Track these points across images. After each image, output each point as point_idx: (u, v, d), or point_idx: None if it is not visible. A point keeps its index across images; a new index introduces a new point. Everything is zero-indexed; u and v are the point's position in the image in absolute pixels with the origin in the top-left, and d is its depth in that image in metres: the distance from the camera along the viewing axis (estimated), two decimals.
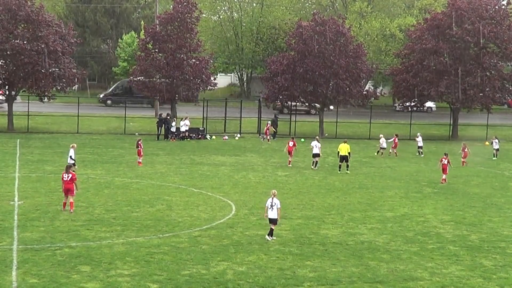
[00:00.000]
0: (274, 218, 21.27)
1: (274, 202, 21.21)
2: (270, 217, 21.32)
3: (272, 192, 21.59)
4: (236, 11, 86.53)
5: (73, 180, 24.31)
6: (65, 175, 24.31)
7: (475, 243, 22.15)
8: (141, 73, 52.80)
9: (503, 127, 64.00)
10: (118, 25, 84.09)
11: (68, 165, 25.31)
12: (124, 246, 20.12)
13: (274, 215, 21.23)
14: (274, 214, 21.23)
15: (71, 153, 31.29)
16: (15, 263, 18.08)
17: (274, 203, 21.21)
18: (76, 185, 24.41)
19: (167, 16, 52.93)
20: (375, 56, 76.48)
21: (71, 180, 24.25)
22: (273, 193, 21.49)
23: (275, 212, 21.20)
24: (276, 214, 21.22)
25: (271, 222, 21.37)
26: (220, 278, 17.52)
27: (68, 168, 24.65)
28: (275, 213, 21.21)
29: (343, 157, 36.38)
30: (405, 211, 26.83)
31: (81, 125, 52.23)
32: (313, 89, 55.16)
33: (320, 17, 56.06)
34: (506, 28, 55.59)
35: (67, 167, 24.76)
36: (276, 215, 21.22)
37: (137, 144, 36.49)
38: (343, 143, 36.93)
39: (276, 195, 21.47)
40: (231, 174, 34.36)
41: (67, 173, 24.32)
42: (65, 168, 24.90)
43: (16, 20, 49.98)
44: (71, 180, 24.26)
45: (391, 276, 18.27)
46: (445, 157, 34.17)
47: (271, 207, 21.22)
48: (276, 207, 21.19)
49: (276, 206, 21.19)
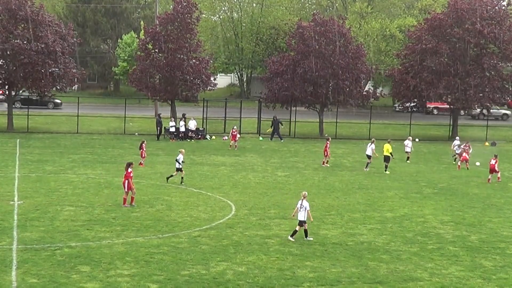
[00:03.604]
0: (301, 220, 21.36)
1: (303, 204, 21.26)
2: (299, 219, 21.41)
3: (302, 194, 21.68)
4: (236, 11, 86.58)
5: (127, 177, 25.29)
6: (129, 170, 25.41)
7: (474, 243, 22.16)
8: (141, 73, 52.76)
9: (502, 128, 64.05)
10: (118, 25, 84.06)
11: (129, 163, 26.00)
12: (124, 246, 20.12)
13: (302, 217, 21.32)
14: (302, 216, 21.33)
15: (180, 157, 30.87)
16: (14, 263, 18.08)
17: (302, 205, 21.27)
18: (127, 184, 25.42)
19: (167, 16, 52.91)
20: (375, 56, 76.48)
21: (125, 177, 25.36)
22: (303, 195, 21.59)
23: (303, 214, 21.28)
24: (303, 216, 21.29)
25: (298, 224, 21.45)
26: (219, 278, 17.53)
27: (129, 166, 25.57)
28: (303, 215, 21.28)
29: (384, 157, 36.80)
30: (404, 211, 26.84)
31: (81, 125, 52.22)
32: (313, 90, 55.16)
33: (320, 17, 56.07)
34: (506, 28, 55.57)
35: (128, 164, 25.68)
36: (303, 217, 21.30)
37: (140, 145, 36.21)
38: (386, 143, 37.18)
39: (306, 196, 21.54)
40: (231, 175, 34.35)
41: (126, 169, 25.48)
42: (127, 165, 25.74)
43: (16, 20, 49.95)
44: (125, 177, 25.38)
45: (390, 277, 18.28)
46: (494, 158, 34.97)
47: (300, 208, 21.31)
48: (305, 209, 21.25)
49: (305, 208, 21.25)
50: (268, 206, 26.77)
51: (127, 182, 25.43)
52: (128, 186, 25.45)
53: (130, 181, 25.46)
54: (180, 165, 30.74)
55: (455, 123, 58.05)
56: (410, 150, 41.26)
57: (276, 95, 55.01)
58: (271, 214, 25.36)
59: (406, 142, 41.35)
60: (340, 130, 56.41)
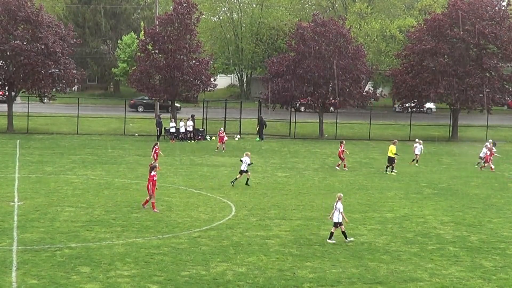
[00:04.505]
0: (336, 222, 21.41)
1: (337, 205, 21.32)
2: (333, 220, 21.49)
3: (337, 196, 21.70)
4: (236, 12, 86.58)
5: (150, 180, 25.07)
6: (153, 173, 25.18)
7: (475, 244, 22.16)
8: (140, 74, 52.76)
9: (503, 128, 64.05)
10: (118, 26, 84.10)
11: (153, 166, 25.85)
12: (124, 247, 20.12)
13: (336, 218, 21.38)
14: (335, 217, 21.39)
15: (246, 159, 30.79)
16: (14, 264, 18.08)
17: (336, 206, 21.32)
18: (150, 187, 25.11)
19: (167, 17, 52.89)
20: (375, 57, 76.49)
21: (149, 181, 25.13)
22: (338, 197, 21.61)
23: (337, 215, 21.33)
24: (337, 218, 21.34)
25: (333, 225, 21.51)
26: (220, 279, 17.53)
27: (152, 169, 25.39)
28: (337, 216, 21.34)
29: (388, 158, 36.81)
30: (405, 212, 26.84)
31: (81, 126, 52.23)
32: (313, 90, 55.17)
33: (320, 18, 56.08)
34: (506, 29, 55.59)
35: (152, 168, 25.50)
36: (337, 218, 21.35)
37: (153, 148, 35.26)
38: (391, 144, 37.14)
39: (341, 198, 21.57)
40: (231, 175, 34.30)
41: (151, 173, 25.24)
42: (151, 168, 25.59)
43: (16, 21, 49.96)
44: (149, 180, 25.14)
45: (391, 277, 18.28)
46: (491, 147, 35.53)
47: (335, 210, 21.36)
48: (338, 211, 21.28)
49: (339, 210, 21.28)
50: (268, 206, 26.77)
51: (151, 185, 25.05)
52: (152, 189, 25.05)
53: (154, 184, 25.12)
54: (245, 167, 30.64)
55: (455, 123, 58.06)
56: (419, 152, 40.26)
57: (276, 95, 55.06)
58: (271, 214, 25.36)
59: (415, 145, 40.41)
60: (340, 131, 56.42)
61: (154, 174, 25.22)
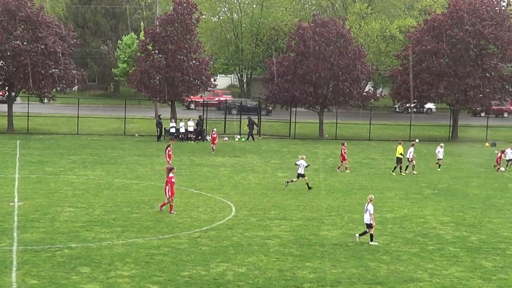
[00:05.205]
0: (367, 223, 21.44)
1: (368, 207, 21.35)
2: (365, 222, 21.55)
3: (369, 197, 21.73)
4: (236, 12, 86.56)
5: (168, 183, 24.74)
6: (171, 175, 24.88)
7: (475, 244, 22.16)
8: (141, 74, 52.76)
9: (502, 128, 64.06)
10: (118, 26, 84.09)
11: (170, 168, 25.60)
12: (124, 247, 20.11)
13: (367, 220, 21.42)
14: (366, 219, 21.44)
15: (302, 163, 30.59)
16: (15, 264, 18.07)
17: (367, 208, 21.35)
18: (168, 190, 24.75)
19: (167, 17, 52.94)
20: (375, 57, 76.49)
21: (167, 183, 24.77)
22: (369, 198, 21.63)
23: (368, 217, 21.36)
24: (368, 219, 21.36)
25: (366, 227, 21.55)
26: (220, 279, 17.52)
27: (170, 171, 25.04)
28: (368, 218, 21.37)
29: (396, 159, 36.82)
30: (405, 212, 26.83)
31: (81, 126, 52.23)
32: (313, 91, 55.18)
33: (320, 18, 56.09)
34: (506, 29, 55.61)
35: (170, 170, 25.21)
36: (368, 220, 21.38)
37: (166, 150, 34.93)
38: (398, 145, 37.14)
39: (372, 200, 21.60)
40: (231, 175, 34.35)
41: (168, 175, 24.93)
42: (168, 170, 25.31)
43: (16, 21, 49.98)
44: (167, 182, 24.79)
45: (391, 277, 18.27)
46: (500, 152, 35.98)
47: (366, 212, 21.40)
48: (369, 212, 21.30)
49: (369, 211, 21.30)
50: (268, 207, 26.77)
51: (169, 187, 24.69)
52: (171, 191, 24.71)
53: (172, 187, 24.75)
54: (302, 170, 30.51)
55: (455, 124, 58.07)
56: (442, 157, 39.18)
57: (276, 96, 55.06)
58: (271, 215, 25.35)
59: (437, 150, 39.38)
60: (340, 131, 56.42)
61: (172, 176, 24.84)
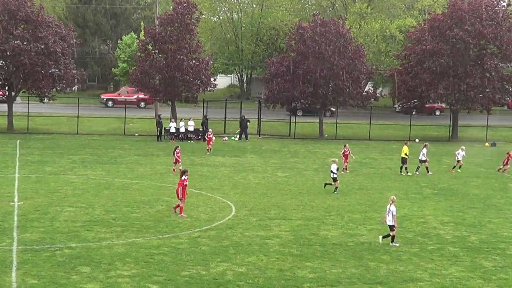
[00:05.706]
0: (390, 225, 21.39)
1: (390, 208, 21.28)
2: (387, 223, 21.47)
3: (391, 198, 21.67)
4: (236, 12, 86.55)
5: (180, 185, 24.46)
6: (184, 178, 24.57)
7: (475, 244, 22.16)
8: (141, 74, 52.75)
9: (503, 128, 64.06)
10: (118, 26, 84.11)
11: (184, 170, 25.25)
12: (124, 247, 20.12)
13: (389, 221, 21.37)
14: (389, 220, 21.38)
15: (333, 167, 30.41)
16: (15, 264, 18.08)
17: (390, 209, 21.29)
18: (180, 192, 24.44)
19: (167, 17, 52.91)
20: (375, 57, 76.45)
21: (179, 185, 24.51)
22: (391, 199, 21.57)
23: (390, 218, 21.30)
24: (390, 221, 21.30)
25: (390, 229, 21.51)
26: (220, 279, 17.52)
27: (183, 173, 24.72)
28: (390, 219, 21.31)
29: (402, 159, 36.79)
30: (405, 212, 26.83)
31: (81, 126, 52.21)
32: (313, 90, 55.17)
33: (320, 18, 56.07)
34: (506, 29, 55.58)
35: (183, 172, 24.86)
36: (390, 221, 21.32)
37: (174, 151, 34.68)
38: (404, 145, 37.14)
39: (394, 201, 21.53)
40: (231, 175, 34.35)
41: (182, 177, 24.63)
42: (182, 172, 25.00)
43: (16, 21, 49.93)
44: (179, 184, 24.53)
45: (391, 277, 18.27)
46: None
47: (388, 213, 21.34)
48: (392, 213, 21.24)
49: (392, 213, 21.24)
50: (268, 206, 26.77)
51: (181, 189, 24.38)
52: (182, 193, 24.43)
53: (184, 189, 24.50)
54: (335, 174, 30.36)
55: (455, 124, 58.06)
56: (461, 158, 38.60)
57: (276, 95, 55.03)
58: (271, 214, 25.36)
59: (457, 152, 38.89)
60: (340, 131, 56.41)
61: (185, 179, 24.49)
